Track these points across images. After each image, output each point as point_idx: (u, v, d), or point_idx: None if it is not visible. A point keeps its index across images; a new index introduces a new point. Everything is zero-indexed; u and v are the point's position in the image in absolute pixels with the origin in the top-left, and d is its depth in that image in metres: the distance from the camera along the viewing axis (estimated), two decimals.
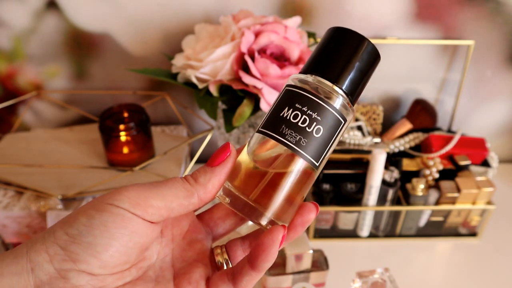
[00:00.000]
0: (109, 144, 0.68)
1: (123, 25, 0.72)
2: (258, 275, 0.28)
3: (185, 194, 0.28)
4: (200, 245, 0.31)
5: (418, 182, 0.67)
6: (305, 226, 0.29)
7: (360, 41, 0.30)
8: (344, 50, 0.30)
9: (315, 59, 0.31)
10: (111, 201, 0.26)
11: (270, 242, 0.27)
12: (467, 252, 0.70)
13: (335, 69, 0.29)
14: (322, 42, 0.31)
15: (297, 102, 0.29)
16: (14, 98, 0.76)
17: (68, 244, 0.25)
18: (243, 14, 0.62)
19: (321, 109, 0.29)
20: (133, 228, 0.26)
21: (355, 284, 0.52)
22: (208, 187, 0.29)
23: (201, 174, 0.29)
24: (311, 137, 0.29)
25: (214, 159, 0.29)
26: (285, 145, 0.28)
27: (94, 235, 0.25)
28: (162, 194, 0.27)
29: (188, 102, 0.81)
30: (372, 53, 0.30)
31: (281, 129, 0.29)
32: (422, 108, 0.75)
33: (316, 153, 0.29)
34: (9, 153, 0.73)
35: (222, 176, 0.29)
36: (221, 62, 0.58)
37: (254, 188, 0.28)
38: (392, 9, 0.71)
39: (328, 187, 0.68)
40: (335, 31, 0.30)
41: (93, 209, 0.26)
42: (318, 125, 0.29)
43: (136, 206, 0.26)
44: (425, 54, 0.76)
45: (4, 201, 0.65)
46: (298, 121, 0.29)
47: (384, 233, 0.72)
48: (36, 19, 0.71)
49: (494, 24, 0.72)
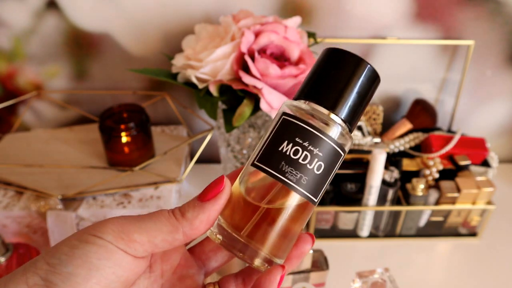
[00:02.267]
0: (109, 144, 0.68)
1: (123, 25, 0.72)
2: None
3: (169, 230, 0.26)
4: (191, 281, 0.30)
5: (418, 182, 0.67)
6: (301, 258, 0.28)
7: (359, 64, 0.28)
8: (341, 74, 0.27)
9: (310, 84, 0.28)
10: (94, 232, 0.25)
11: (267, 284, 0.25)
12: (467, 252, 0.70)
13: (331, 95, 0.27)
14: (317, 64, 0.29)
15: (297, 135, 0.27)
16: (14, 98, 0.76)
17: (48, 274, 0.24)
18: (243, 14, 0.62)
19: (322, 143, 0.27)
20: (116, 261, 0.25)
21: (355, 284, 0.52)
22: (195, 224, 0.27)
23: (189, 208, 0.27)
24: (312, 175, 0.27)
25: (206, 193, 0.27)
26: (285, 184, 0.26)
27: (75, 265, 0.24)
28: (145, 228, 0.26)
29: (188, 102, 0.81)
30: (371, 76, 0.28)
31: (280, 166, 0.26)
32: (422, 108, 0.75)
33: (316, 190, 0.27)
34: (9, 153, 0.73)
35: (212, 213, 0.27)
36: (221, 62, 0.58)
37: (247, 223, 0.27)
38: (392, 9, 0.71)
39: (328, 187, 0.68)
40: (331, 53, 0.28)
41: (76, 239, 0.25)
42: (319, 161, 0.27)
43: (119, 239, 0.25)
44: (425, 54, 0.76)
45: (4, 201, 0.65)
46: (299, 157, 0.26)
47: (384, 233, 0.72)
48: (36, 19, 0.71)
49: (494, 24, 0.72)
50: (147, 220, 0.26)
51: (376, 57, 0.76)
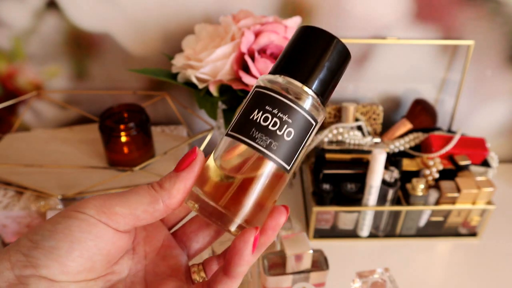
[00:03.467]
0: (109, 144, 0.68)
1: (123, 25, 0.72)
2: (233, 282, 0.27)
3: (149, 200, 0.27)
4: (175, 261, 0.30)
5: (418, 182, 0.67)
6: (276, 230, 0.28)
7: (330, 40, 0.29)
8: (313, 49, 0.29)
9: (284, 59, 0.30)
10: (76, 208, 0.26)
11: (242, 245, 0.26)
12: (467, 252, 0.70)
13: (304, 69, 0.29)
14: (291, 41, 0.30)
15: (267, 104, 0.28)
16: (14, 98, 0.76)
17: (30, 249, 0.25)
18: (243, 14, 0.62)
19: (291, 111, 0.28)
20: (98, 234, 0.26)
21: (355, 284, 0.52)
22: (172, 193, 0.28)
23: (166, 179, 0.28)
24: (282, 141, 0.28)
25: (180, 164, 0.28)
26: (255, 149, 0.27)
27: (57, 239, 0.25)
28: (126, 201, 0.27)
29: (188, 102, 0.81)
30: (342, 52, 0.29)
31: (251, 132, 0.28)
32: (422, 108, 0.75)
33: (288, 157, 0.28)
34: (9, 153, 0.73)
35: (188, 182, 0.28)
36: (221, 62, 0.58)
37: (224, 194, 0.27)
38: (392, 9, 0.71)
39: (328, 187, 0.68)
40: (305, 30, 0.30)
41: (59, 216, 0.26)
42: (289, 128, 0.28)
43: (101, 213, 0.26)
44: (425, 54, 0.76)
45: (4, 201, 0.65)
46: (269, 124, 0.28)
47: (384, 233, 0.72)
48: (36, 19, 0.71)
49: (494, 24, 0.72)
50: (128, 194, 0.27)
51: (376, 57, 0.76)
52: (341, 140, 0.71)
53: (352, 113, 0.73)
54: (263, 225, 0.28)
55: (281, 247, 0.54)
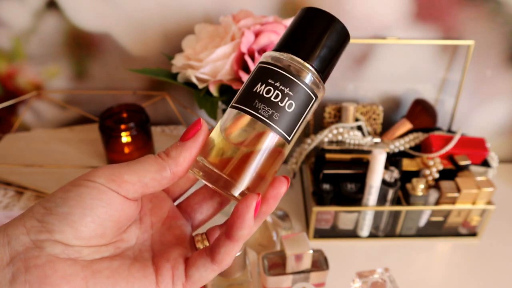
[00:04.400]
0: (109, 144, 0.68)
1: (123, 25, 0.72)
2: (235, 245, 0.28)
3: (157, 168, 0.28)
4: (179, 231, 0.32)
5: (418, 182, 0.67)
6: (277, 199, 0.29)
7: (331, 21, 0.31)
8: (314, 29, 0.31)
9: (287, 38, 0.31)
10: (87, 177, 0.27)
11: (244, 208, 0.27)
12: (467, 252, 0.70)
13: (306, 47, 0.30)
14: (294, 21, 0.32)
15: (269, 77, 0.30)
16: (14, 98, 0.76)
17: (44, 216, 0.26)
18: (243, 14, 0.62)
19: (293, 84, 0.30)
20: (108, 201, 0.27)
21: (355, 284, 0.52)
22: (179, 161, 0.29)
23: (172, 148, 0.29)
24: (283, 112, 0.29)
25: (186, 134, 0.30)
26: (257, 119, 0.29)
27: (69, 206, 0.26)
28: (135, 169, 0.28)
29: (188, 102, 0.81)
30: (342, 33, 0.31)
31: (254, 104, 0.29)
32: (422, 108, 0.75)
33: (288, 127, 0.30)
34: (9, 153, 0.73)
35: (193, 150, 0.29)
36: (221, 62, 0.58)
37: (228, 163, 0.29)
38: (392, 9, 0.71)
39: (328, 187, 0.68)
40: (307, 11, 0.31)
41: (71, 184, 0.27)
42: (290, 100, 0.29)
43: (110, 181, 0.27)
44: (425, 54, 0.76)
45: (4, 201, 0.65)
46: (271, 96, 0.29)
47: (384, 233, 0.72)
48: (36, 19, 0.71)
49: (494, 24, 0.72)
50: (136, 163, 0.28)
51: (376, 57, 0.76)
52: (341, 140, 0.71)
53: (352, 113, 0.73)
54: (264, 194, 0.29)
55: (281, 247, 0.54)
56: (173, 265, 0.29)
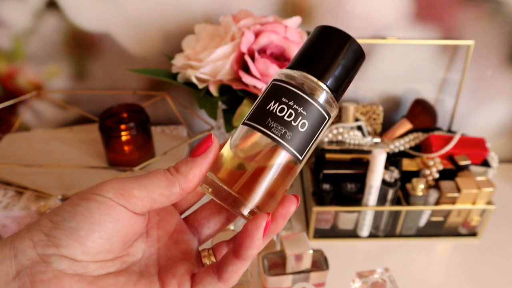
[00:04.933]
0: (109, 144, 0.68)
1: (123, 25, 0.72)
2: (242, 264, 0.28)
3: (166, 184, 0.28)
4: (186, 245, 0.31)
5: (418, 182, 0.67)
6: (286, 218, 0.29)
7: (346, 40, 0.30)
8: (330, 48, 0.30)
9: (301, 56, 0.31)
10: (95, 191, 0.27)
11: (253, 228, 0.27)
12: (467, 252, 0.70)
13: (320, 65, 0.30)
14: (309, 39, 0.31)
15: (283, 96, 0.29)
16: (14, 98, 0.76)
17: (51, 230, 0.26)
18: (243, 14, 0.62)
19: (306, 104, 0.29)
20: (117, 216, 0.27)
21: (355, 284, 0.52)
22: (189, 177, 0.29)
23: (182, 164, 0.29)
24: (296, 131, 0.29)
25: (196, 149, 0.29)
26: (270, 138, 0.29)
27: (77, 221, 0.26)
28: (144, 184, 0.28)
29: (188, 102, 0.81)
30: (357, 52, 0.31)
31: (267, 122, 0.29)
32: (422, 108, 0.75)
33: (300, 147, 0.29)
34: (9, 153, 0.73)
35: (204, 167, 0.29)
36: (221, 62, 0.58)
37: (237, 180, 0.28)
38: (392, 9, 0.71)
39: (328, 187, 0.68)
40: (322, 30, 0.31)
41: (79, 198, 0.27)
42: (303, 119, 0.29)
43: (119, 196, 0.27)
44: (425, 54, 0.76)
45: (4, 201, 0.65)
46: (284, 114, 0.29)
47: (384, 233, 0.72)
48: (36, 19, 0.71)
49: (494, 24, 0.72)
50: (145, 178, 0.28)
51: (376, 57, 0.76)
52: (341, 140, 0.71)
53: (352, 113, 0.73)
54: (274, 212, 0.29)
55: (281, 247, 0.54)
56: (179, 281, 0.29)
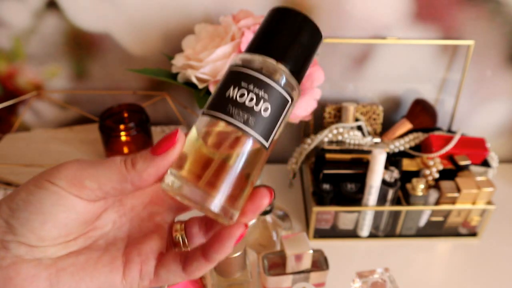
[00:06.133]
0: (109, 144, 0.68)
1: (123, 25, 0.72)
2: (208, 265, 0.28)
3: (119, 179, 0.27)
4: (160, 218, 0.31)
5: (418, 182, 0.67)
6: (257, 213, 0.28)
7: (303, 20, 0.29)
8: (287, 29, 0.29)
9: (258, 39, 0.30)
10: (48, 178, 0.26)
11: (227, 237, 0.26)
12: (467, 252, 0.70)
13: (279, 47, 0.29)
14: (264, 22, 0.30)
15: (242, 80, 0.28)
16: (14, 98, 0.76)
17: (9, 217, 0.26)
18: (243, 14, 0.62)
19: (267, 87, 0.28)
20: (69, 205, 0.26)
21: (355, 284, 0.52)
22: (143, 176, 0.27)
23: (140, 159, 0.27)
24: (259, 116, 0.28)
25: (158, 147, 0.27)
26: (233, 126, 0.27)
27: (30, 211, 0.25)
28: (97, 175, 0.26)
29: (188, 102, 0.81)
30: (314, 32, 0.30)
31: (227, 109, 0.27)
32: (422, 108, 0.75)
33: (266, 133, 0.28)
34: (9, 153, 0.73)
35: (161, 168, 0.27)
36: (221, 62, 0.58)
37: (202, 174, 0.27)
38: (392, 9, 0.71)
39: (328, 187, 0.68)
40: (277, 11, 0.30)
41: (33, 184, 0.26)
42: (265, 103, 0.28)
43: (71, 185, 0.26)
44: (425, 54, 0.76)
45: None
46: (245, 100, 0.27)
47: (384, 233, 0.72)
48: (36, 19, 0.71)
49: (494, 24, 0.72)
50: (100, 166, 0.27)
51: (376, 57, 0.76)
52: (341, 140, 0.71)
53: (352, 113, 0.73)
54: (243, 207, 0.28)
55: (281, 247, 0.54)
56: (143, 260, 0.28)
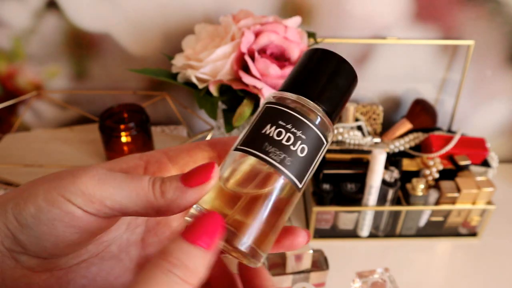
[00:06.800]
0: (109, 144, 0.68)
1: (123, 25, 0.72)
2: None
3: (144, 206, 0.24)
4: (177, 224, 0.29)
5: (418, 182, 0.67)
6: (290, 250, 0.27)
7: (340, 63, 0.29)
8: (324, 70, 0.29)
9: (295, 78, 0.29)
10: (63, 192, 0.23)
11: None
12: (467, 252, 0.70)
13: (315, 88, 0.28)
14: (302, 61, 0.30)
15: (280, 119, 0.27)
16: (14, 98, 0.76)
17: (17, 232, 0.24)
18: (243, 14, 0.62)
19: (305, 127, 0.27)
20: (83, 225, 0.24)
21: (355, 284, 0.52)
22: (172, 207, 0.25)
23: (171, 189, 0.24)
24: (296, 156, 0.27)
25: (191, 178, 0.25)
26: (268, 164, 0.26)
27: (41, 232, 0.23)
28: (120, 196, 0.24)
29: (188, 102, 0.81)
30: (351, 75, 0.30)
31: (263, 147, 0.26)
32: (422, 108, 0.75)
33: (300, 174, 0.27)
34: (9, 153, 0.73)
35: (192, 202, 0.25)
36: (221, 62, 0.58)
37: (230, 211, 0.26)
38: (392, 9, 0.71)
39: (328, 187, 0.68)
40: (315, 52, 0.30)
41: (44, 200, 0.23)
42: (302, 144, 0.27)
43: (89, 203, 0.23)
44: (425, 54, 0.76)
45: None
46: (282, 138, 0.27)
47: (384, 233, 0.71)
48: (36, 19, 0.71)
49: (494, 24, 0.72)
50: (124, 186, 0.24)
51: (376, 57, 0.76)
52: (341, 140, 0.71)
53: (352, 113, 0.73)
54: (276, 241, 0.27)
55: None
56: None
